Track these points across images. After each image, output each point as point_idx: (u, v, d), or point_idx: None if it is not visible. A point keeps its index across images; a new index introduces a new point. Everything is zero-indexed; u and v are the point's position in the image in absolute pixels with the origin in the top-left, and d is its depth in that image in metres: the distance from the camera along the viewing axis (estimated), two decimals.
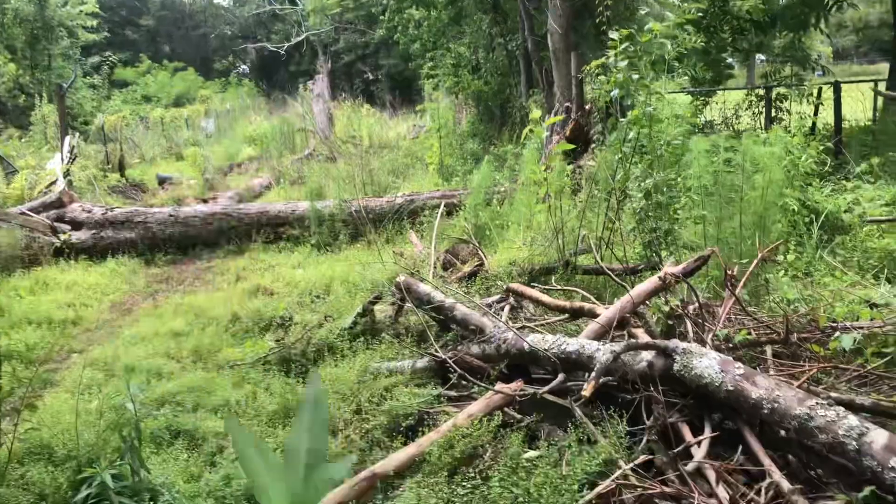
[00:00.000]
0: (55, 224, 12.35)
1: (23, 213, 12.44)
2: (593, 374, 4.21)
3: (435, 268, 8.38)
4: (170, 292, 11.10)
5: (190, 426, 5.94)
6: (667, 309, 5.26)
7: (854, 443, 3.46)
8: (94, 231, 12.24)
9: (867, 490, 3.41)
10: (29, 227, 11.98)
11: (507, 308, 6.38)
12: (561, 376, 4.55)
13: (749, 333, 4.96)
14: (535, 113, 8.74)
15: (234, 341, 7.85)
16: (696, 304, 5.20)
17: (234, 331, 8.12)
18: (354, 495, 4.39)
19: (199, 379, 6.85)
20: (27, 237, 11.74)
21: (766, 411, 3.80)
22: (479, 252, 8.51)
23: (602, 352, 4.43)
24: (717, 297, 6.05)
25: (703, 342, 4.74)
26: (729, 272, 5.12)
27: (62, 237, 12.03)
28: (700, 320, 5.06)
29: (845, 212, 8.46)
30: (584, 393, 4.14)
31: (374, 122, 26.55)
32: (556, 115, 12.55)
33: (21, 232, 11.80)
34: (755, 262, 5.47)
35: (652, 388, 4.25)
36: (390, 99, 29.16)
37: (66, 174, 15.89)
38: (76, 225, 12.42)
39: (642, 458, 3.87)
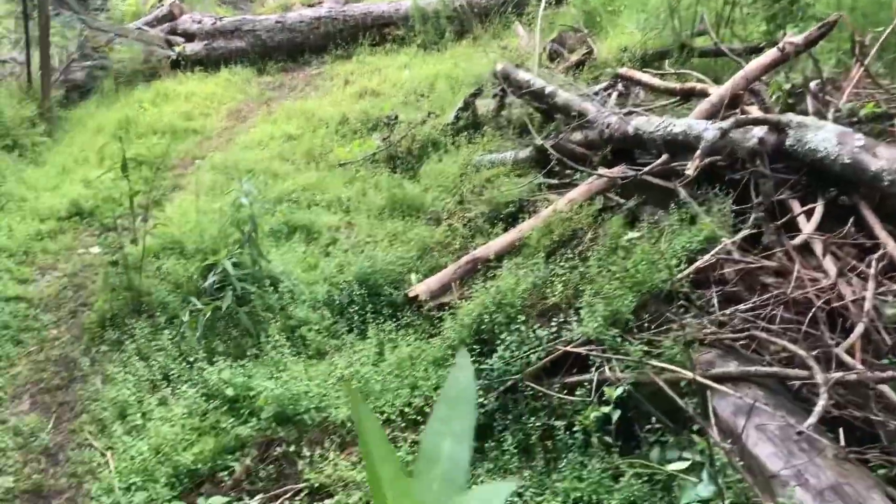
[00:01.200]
0: (169, 37, 12.59)
1: (139, 29, 12.74)
2: (699, 151, 4.02)
3: (541, 59, 8.05)
4: (282, 99, 11.29)
5: (306, 222, 6.22)
6: (787, 85, 4.89)
7: None
8: (205, 42, 12.41)
9: None
10: (146, 42, 12.29)
11: (614, 94, 6.12)
12: (665, 156, 4.39)
13: (878, 106, 4.56)
14: None
15: (343, 142, 7.99)
16: (819, 79, 4.79)
17: (344, 132, 8.24)
18: (457, 277, 4.54)
19: (313, 178, 7.08)
20: (145, 51, 12.08)
21: (886, 183, 3.55)
22: (588, 40, 8.07)
23: (709, 129, 4.20)
24: (846, 72, 5.55)
25: (823, 117, 4.41)
26: (859, 39, 4.64)
27: (177, 49, 12.28)
28: (822, 95, 4.68)
29: None
30: (688, 171, 3.99)
31: None
32: None
33: (139, 47, 12.15)
34: (891, 26, 4.92)
35: (761, 166, 4.04)
36: None
37: None
38: (188, 37, 12.61)
39: (745, 232, 3.75)
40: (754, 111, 4.65)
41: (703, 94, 5.19)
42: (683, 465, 2.97)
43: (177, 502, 3.45)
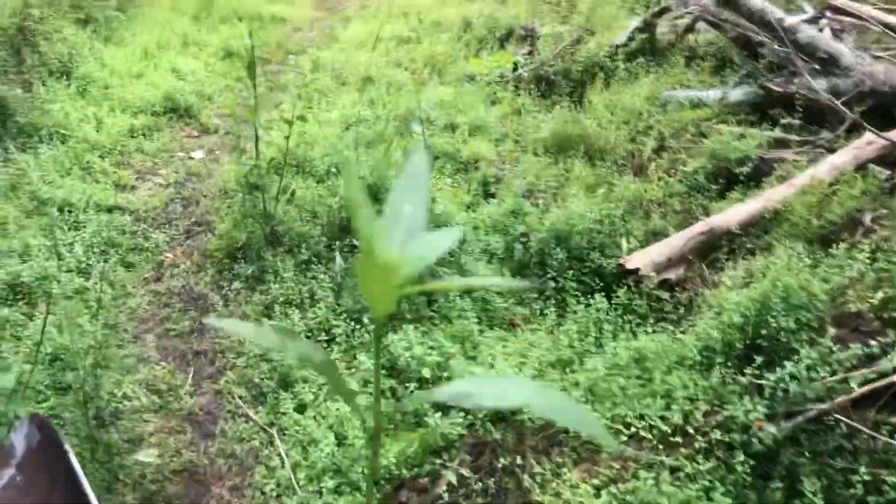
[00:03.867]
0: None
1: None
2: None
3: None
4: None
5: (450, 148, 5.37)
6: None
7: None
8: None
9: None
10: None
11: (826, 31, 5.14)
12: None
13: None
14: None
15: (468, 52, 7.03)
16: None
17: (467, 40, 7.26)
18: (689, 250, 3.75)
19: (446, 93, 6.18)
20: None
21: None
22: None
23: None
24: None
25: None
26: None
27: None
28: None
29: None
30: None
31: None
32: None
33: None
34: None
35: None
36: None
37: None
38: None
39: None
40: None
41: None
42: None
43: None
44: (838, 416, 2.81)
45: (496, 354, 3.48)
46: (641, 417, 3.09)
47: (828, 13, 5.33)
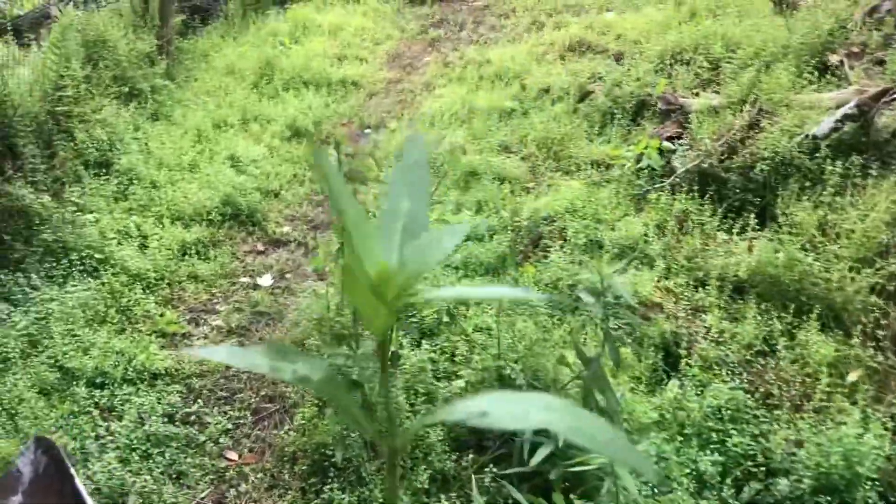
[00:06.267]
0: None
1: None
2: None
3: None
4: (451, 41, 8.93)
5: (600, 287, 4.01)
6: None
7: None
8: None
9: None
10: None
11: None
12: None
13: None
14: None
15: (593, 130, 5.66)
16: None
17: (587, 112, 5.89)
18: None
19: (576, 193, 4.81)
20: None
21: None
22: None
23: None
24: None
25: None
26: None
27: None
28: None
29: None
30: None
31: None
32: None
33: None
34: None
35: None
36: None
37: None
38: None
39: None
40: None
41: None
42: None
43: None
44: None
45: None
46: None
47: None
